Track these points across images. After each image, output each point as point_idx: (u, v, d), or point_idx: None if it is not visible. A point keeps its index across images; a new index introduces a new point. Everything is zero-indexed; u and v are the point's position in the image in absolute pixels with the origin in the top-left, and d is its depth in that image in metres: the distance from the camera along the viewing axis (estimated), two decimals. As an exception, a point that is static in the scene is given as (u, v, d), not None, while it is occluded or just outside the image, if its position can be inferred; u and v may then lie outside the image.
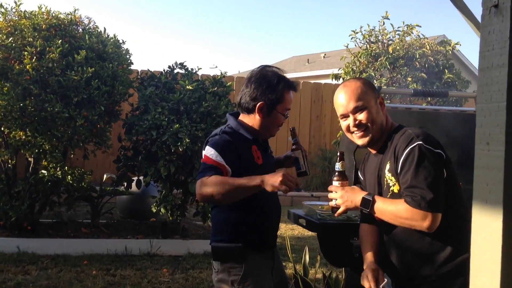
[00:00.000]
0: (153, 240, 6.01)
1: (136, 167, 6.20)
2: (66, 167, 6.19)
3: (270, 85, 2.48)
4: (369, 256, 2.31)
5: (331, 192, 2.27)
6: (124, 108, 6.60)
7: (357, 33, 10.13)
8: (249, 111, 2.53)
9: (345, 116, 2.28)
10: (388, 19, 10.03)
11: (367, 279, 2.20)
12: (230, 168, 2.35)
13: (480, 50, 1.39)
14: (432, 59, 9.24)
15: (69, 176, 6.19)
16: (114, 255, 5.79)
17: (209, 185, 2.28)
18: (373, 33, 10.09)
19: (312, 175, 11.10)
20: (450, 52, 9.55)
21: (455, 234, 2.12)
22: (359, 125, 2.24)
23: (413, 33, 9.88)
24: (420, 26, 9.92)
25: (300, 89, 11.35)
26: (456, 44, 9.57)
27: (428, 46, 9.40)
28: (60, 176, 6.01)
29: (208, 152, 2.40)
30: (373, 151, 2.36)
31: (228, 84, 6.33)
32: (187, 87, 5.86)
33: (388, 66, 9.34)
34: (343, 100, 2.26)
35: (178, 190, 6.26)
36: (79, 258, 5.60)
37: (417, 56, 9.22)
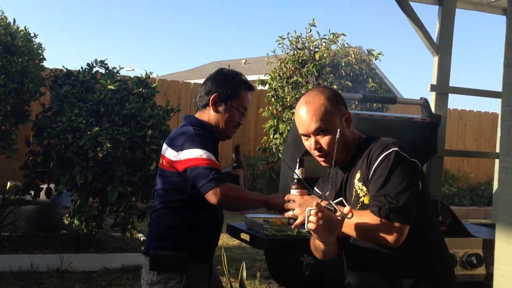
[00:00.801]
0: (64, 255, 5.45)
1: (46, 174, 5.62)
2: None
3: (224, 79, 2.49)
4: None
5: (289, 201, 2.07)
6: (34, 109, 6.07)
7: (284, 39, 10.03)
8: (204, 106, 2.50)
9: (306, 135, 2.03)
10: (315, 26, 10.03)
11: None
12: None
13: (509, 42, 1.15)
14: (357, 67, 9.31)
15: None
16: (18, 272, 5.20)
17: (237, 189, 2.37)
18: (300, 39, 10.04)
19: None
20: (373, 61, 9.70)
21: (427, 256, 1.91)
22: (320, 150, 2.01)
23: (338, 42, 9.94)
24: (345, 35, 10.01)
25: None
26: (379, 54, 9.74)
27: (353, 55, 9.48)
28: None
29: (196, 153, 2.28)
30: (341, 165, 2.10)
31: (153, 85, 5.89)
32: (108, 87, 5.36)
33: (315, 73, 9.30)
34: (303, 118, 2.00)
35: (94, 199, 5.75)
36: (-24, 277, 4.92)
37: (343, 64, 9.25)
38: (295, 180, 2.11)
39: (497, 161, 1.20)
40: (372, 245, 1.92)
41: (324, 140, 1.98)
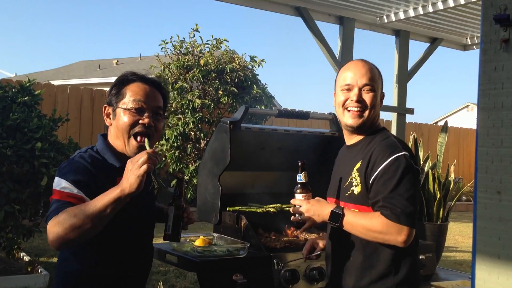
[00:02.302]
0: None
1: None
2: None
3: (114, 84, 2.06)
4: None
5: (295, 206, 2.11)
6: None
7: (167, 43, 9.89)
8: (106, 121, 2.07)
9: (349, 89, 2.08)
10: (198, 31, 10.03)
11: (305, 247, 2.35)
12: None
13: (482, 88, 1.27)
14: (241, 74, 9.48)
15: None
16: None
17: (60, 223, 1.72)
18: (183, 44, 9.96)
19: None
20: (257, 68, 9.96)
21: (395, 257, 1.97)
22: (360, 102, 2.05)
23: (222, 47, 10.04)
24: (228, 41, 10.16)
25: (94, 96, 10.45)
26: (262, 61, 10.03)
27: (237, 61, 9.64)
28: None
29: (58, 184, 1.86)
30: (349, 143, 2.18)
31: (36, 92, 5.43)
32: (-14, 95, 4.83)
33: (201, 79, 9.29)
34: (356, 71, 2.08)
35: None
36: None
37: (228, 71, 9.37)
38: (299, 185, 2.13)
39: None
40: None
41: (367, 96, 2.05)
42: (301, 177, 2.14)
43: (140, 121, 1.96)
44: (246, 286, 2.60)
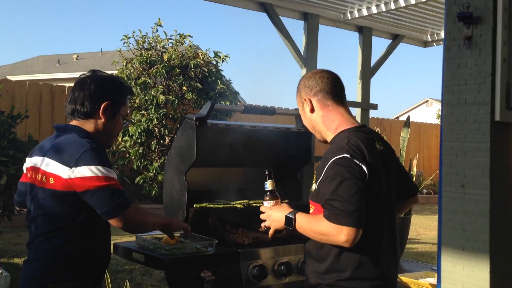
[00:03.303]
0: None
1: None
2: None
3: (114, 84, 2.31)
4: None
5: (263, 213, 2.21)
6: None
7: (129, 38, 9.73)
8: (89, 115, 2.22)
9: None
10: (161, 26, 9.91)
11: None
12: None
13: (446, 84, 1.30)
14: (206, 69, 9.43)
15: None
16: None
17: (142, 213, 2.23)
18: (146, 39, 9.82)
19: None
20: (221, 63, 9.92)
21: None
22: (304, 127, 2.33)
23: (185, 43, 9.96)
24: (192, 36, 10.08)
25: (54, 92, 10.22)
26: (226, 56, 9.99)
27: (201, 57, 9.58)
28: None
29: (97, 172, 2.03)
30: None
31: (-6, 88, 5.26)
32: None
33: (165, 75, 9.18)
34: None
35: None
36: None
37: (192, 66, 9.30)
38: (267, 192, 2.22)
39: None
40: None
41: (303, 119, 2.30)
42: (267, 185, 2.24)
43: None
44: (215, 283, 2.59)
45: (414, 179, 4.27)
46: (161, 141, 9.56)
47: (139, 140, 9.19)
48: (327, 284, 2.01)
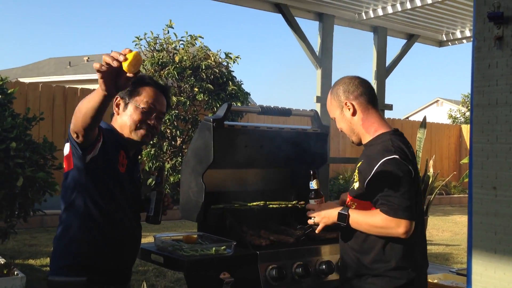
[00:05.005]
0: None
1: None
2: None
3: None
4: None
5: (309, 210, 2.38)
6: None
7: (141, 39, 9.77)
8: (114, 113, 2.36)
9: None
10: (173, 28, 9.93)
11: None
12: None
13: (476, 85, 1.28)
14: (217, 70, 9.43)
15: None
16: None
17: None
18: (157, 41, 9.85)
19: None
20: (232, 64, 9.91)
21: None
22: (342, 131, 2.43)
23: (196, 44, 9.97)
24: (203, 37, 10.08)
25: (67, 95, 10.27)
26: (237, 57, 9.98)
27: (212, 58, 9.58)
28: None
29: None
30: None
31: (10, 91, 5.29)
32: (-43, 93, 4.69)
33: (176, 76, 9.20)
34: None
35: None
36: None
37: (203, 67, 9.30)
38: (312, 191, 2.38)
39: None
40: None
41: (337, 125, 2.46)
42: (313, 184, 2.39)
43: (148, 121, 2.29)
44: (233, 285, 2.59)
45: (430, 181, 4.24)
46: (173, 142, 9.58)
47: (151, 142, 9.22)
48: (373, 274, 2.19)
